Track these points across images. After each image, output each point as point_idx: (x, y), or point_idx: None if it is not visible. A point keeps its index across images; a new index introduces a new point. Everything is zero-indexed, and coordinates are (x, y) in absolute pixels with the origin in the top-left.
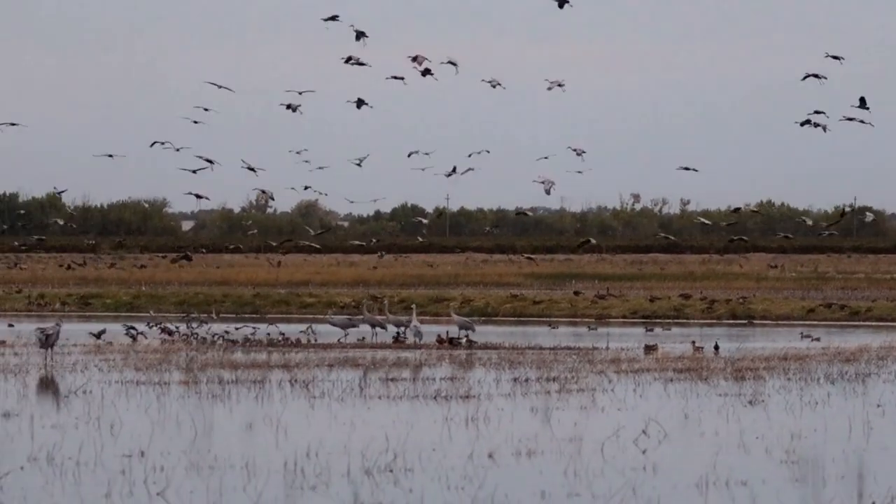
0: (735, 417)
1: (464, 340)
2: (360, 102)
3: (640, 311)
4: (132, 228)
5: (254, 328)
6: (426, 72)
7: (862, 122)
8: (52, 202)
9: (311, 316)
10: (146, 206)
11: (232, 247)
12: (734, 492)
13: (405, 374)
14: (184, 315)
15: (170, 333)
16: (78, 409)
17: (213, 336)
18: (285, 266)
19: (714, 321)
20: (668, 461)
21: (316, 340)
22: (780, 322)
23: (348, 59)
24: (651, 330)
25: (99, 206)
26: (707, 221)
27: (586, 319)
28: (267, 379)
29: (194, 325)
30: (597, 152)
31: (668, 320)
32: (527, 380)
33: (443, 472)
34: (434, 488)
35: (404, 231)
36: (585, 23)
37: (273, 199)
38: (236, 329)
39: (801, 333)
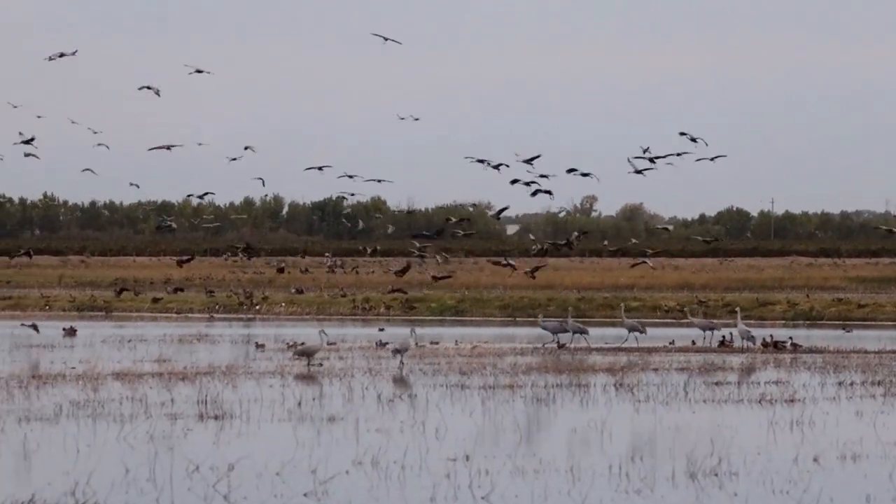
0: None
1: (788, 344)
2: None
3: None
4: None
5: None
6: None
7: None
8: (377, 206)
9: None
10: (471, 209)
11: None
12: None
13: (730, 378)
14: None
15: None
16: (403, 412)
17: None
18: (610, 270)
19: None
20: None
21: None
22: None
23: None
24: None
25: (424, 209)
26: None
27: None
28: (591, 383)
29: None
30: None
31: None
32: (851, 383)
33: (768, 475)
34: (759, 492)
35: (729, 235)
36: None
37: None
38: None
39: None
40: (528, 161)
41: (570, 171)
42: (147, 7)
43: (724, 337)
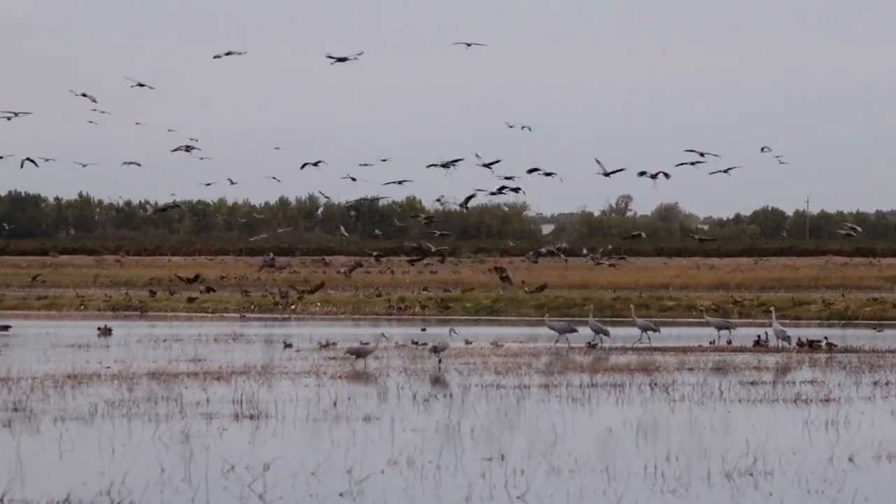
0: None
1: (823, 343)
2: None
3: None
4: (492, 232)
5: None
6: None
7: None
8: (412, 206)
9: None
10: (506, 209)
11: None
12: None
13: (765, 378)
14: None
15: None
16: (438, 412)
17: None
18: (646, 269)
19: None
20: None
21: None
22: None
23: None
24: None
25: (458, 209)
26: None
27: None
28: (627, 382)
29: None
30: None
31: None
32: (887, 383)
33: (803, 475)
34: (794, 492)
35: (764, 234)
36: None
37: None
38: None
39: None
40: (488, 165)
41: (532, 171)
42: (147, 7)
43: (759, 336)
